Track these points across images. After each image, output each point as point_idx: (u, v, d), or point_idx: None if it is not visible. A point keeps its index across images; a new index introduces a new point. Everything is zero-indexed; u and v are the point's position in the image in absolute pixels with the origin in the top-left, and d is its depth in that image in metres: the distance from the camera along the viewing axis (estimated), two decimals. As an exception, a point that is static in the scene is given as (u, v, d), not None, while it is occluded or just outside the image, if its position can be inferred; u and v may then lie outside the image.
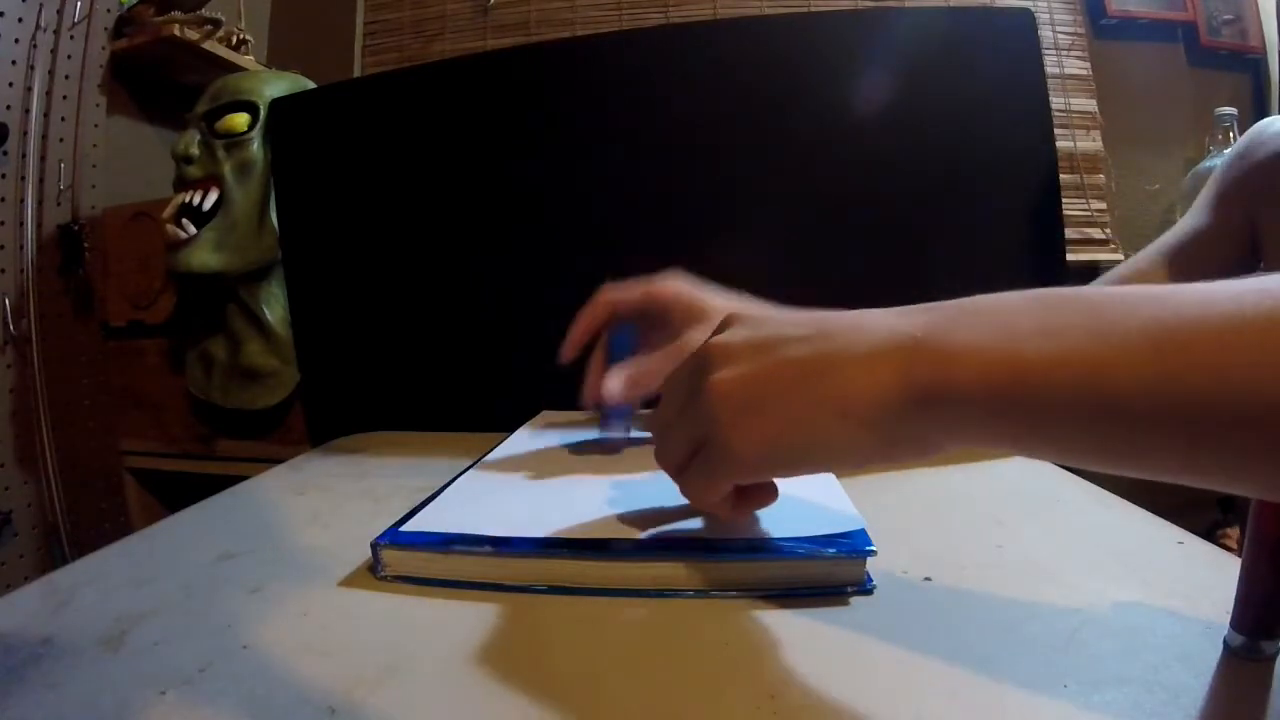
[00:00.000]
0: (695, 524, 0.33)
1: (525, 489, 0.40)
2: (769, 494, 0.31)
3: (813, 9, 1.46)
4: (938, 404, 0.22)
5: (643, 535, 0.32)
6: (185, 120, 1.14)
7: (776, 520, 0.33)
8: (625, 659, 0.25)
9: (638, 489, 0.38)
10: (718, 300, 0.44)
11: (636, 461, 0.45)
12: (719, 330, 0.29)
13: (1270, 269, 0.19)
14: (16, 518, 1.13)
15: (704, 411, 0.26)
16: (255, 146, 1.09)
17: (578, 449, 0.48)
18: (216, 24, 1.34)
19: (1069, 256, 0.63)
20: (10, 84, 1.14)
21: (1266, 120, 0.66)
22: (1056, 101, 1.41)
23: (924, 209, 0.62)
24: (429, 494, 0.39)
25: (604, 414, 0.47)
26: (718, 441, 0.26)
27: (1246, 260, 0.64)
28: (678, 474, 0.30)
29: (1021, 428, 0.21)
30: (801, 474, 0.27)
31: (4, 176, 1.14)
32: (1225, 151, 1.34)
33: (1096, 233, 1.44)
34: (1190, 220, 0.70)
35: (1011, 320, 0.22)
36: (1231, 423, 0.17)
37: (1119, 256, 1.42)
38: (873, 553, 0.29)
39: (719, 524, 0.33)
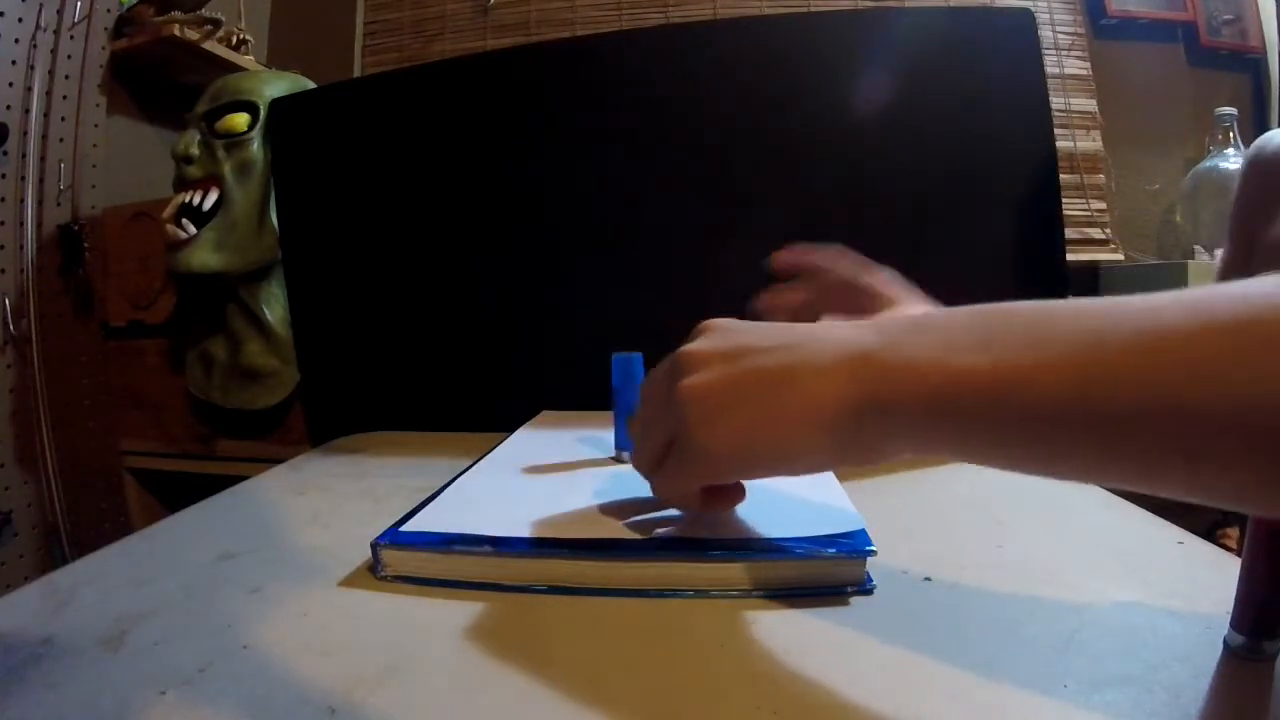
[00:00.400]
0: (695, 524, 0.33)
1: (525, 489, 0.40)
2: (736, 494, 0.33)
3: (813, 9, 1.46)
4: (884, 413, 0.24)
5: (642, 535, 0.32)
6: (185, 120, 1.14)
7: (777, 520, 0.33)
8: (625, 659, 0.25)
9: (638, 489, 0.38)
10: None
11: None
12: (692, 338, 0.31)
13: None
14: (16, 518, 1.13)
15: (676, 413, 0.28)
16: (255, 146, 1.09)
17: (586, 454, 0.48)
18: (216, 24, 1.34)
19: (1069, 256, 0.63)
20: (10, 84, 1.14)
21: (1262, 140, 0.66)
22: (1056, 101, 1.41)
23: (924, 209, 0.62)
24: (429, 494, 0.39)
25: None
26: (687, 441, 0.28)
27: None
28: (650, 472, 0.31)
29: (958, 435, 0.22)
30: (764, 475, 0.29)
31: (4, 176, 1.14)
32: (1226, 151, 1.34)
33: (1096, 233, 1.44)
34: (1220, 259, 0.70)
35: (952, 335, 0.23)
36: (1143, 429, 0.18)
37: (1119, 257, 1.43)
38: (873, 553, 0.29)
39: (712, 523, 0.33)
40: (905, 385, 0.23)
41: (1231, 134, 1.36)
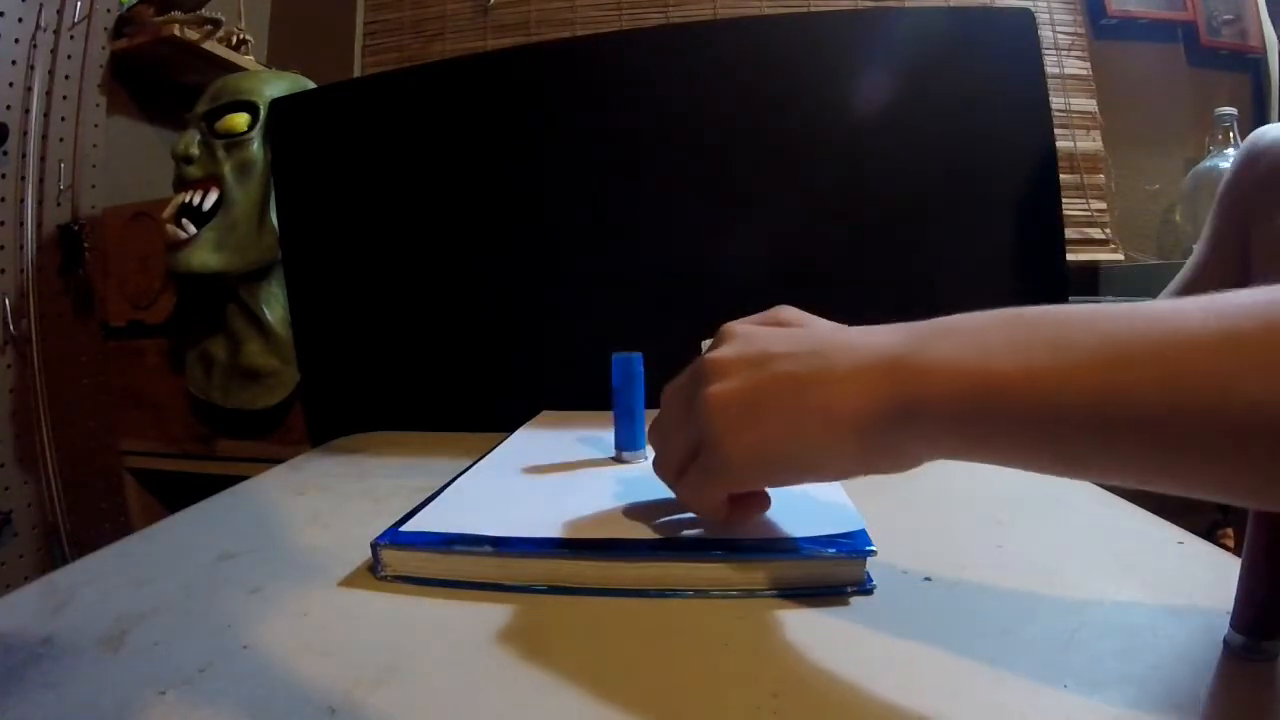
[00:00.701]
0: (695, 524, 0.33)
1: (525, 489, 0.40)
2: (762, 503, 0.32)
3: (813, 9, 1.46)
4: (914, 417, 0.24)
5: (643, 535, 0.32)
6: (185, 120, 1.14)
7: (777, 520, 0.33)
8: (625, 659, 0.25)
9: (638, 489, 0.38)
10: None
11: (636, 463, 0.45)
12: (714, 345, 0.31)
13: (1257, 284, 0.20)
14: (16, 518, 1.13)
15: (700, 421, 0.28)
16: (255, 146, 1.09)
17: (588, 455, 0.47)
18: (216, 24, 1.34)
19: (1069, 256, 0.63)
20: (10, 84, 1.14)
21: (1257, 133, 0.66)
22: (1056, 101, 1.41)
23: (924, 209, 0.62)
24: (429, 494, 0.39)
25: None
26: (713, 449, 0.28)
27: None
28: (676, 479, 0.31)
29: (989, 438, 0.23)
30: (791, 483, 0.29)
31: (4, 176, 1.14)
32: (1226, 151, 1.34)
33: (1096, 233, 1.44)
34: (1195, 254, 0.71)
35: (981, 338, 0.23)
36: (1169, 435, 0.19)
37: (1119, 257, 1.43)
38: (873, 553, 0.29)
39: (716, 527, 0.33)
40: (937, 389, 0.23)
41: (1231, 134, 1.36)
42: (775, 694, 0.22)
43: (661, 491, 0.35)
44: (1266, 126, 0.66)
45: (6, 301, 1.13)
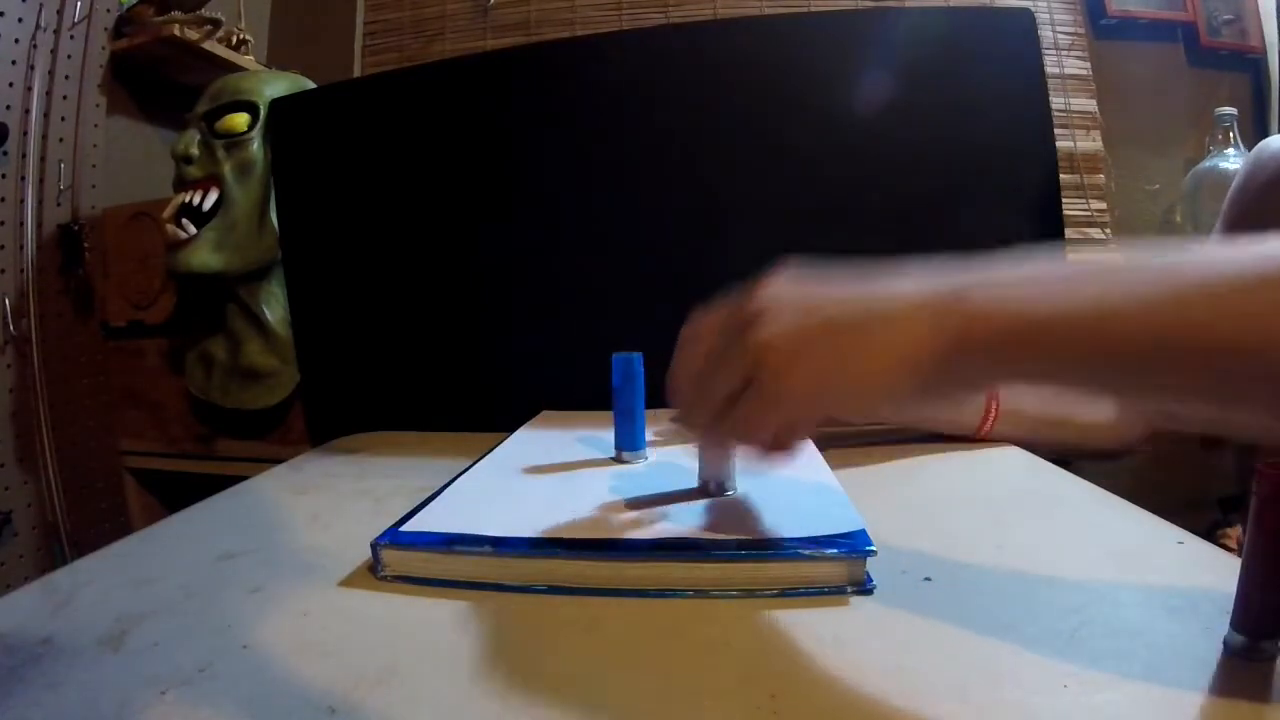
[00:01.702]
0: (695, 524, 0.33)
1: (525, 489, 0.40)
2: (799, 447, 0.32)
3: (813, 9, 1.46)
4: (971, 350, 0.25)
5: (643, 535, 0.32)
6: (185, 120, 1.14)
7: (777, 520, 0.33)
8: (625, 659, 0.25)
9: (638, 489, 0.38)
10: None
11: (636, 462, 0.45)
12: (756, 293, 0.30)
13: None
14: (16, 518, 1.13)
15: (751, 360, 0.28)
16: (255, 146, 1.09)
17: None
18: (216, 24, 1.34)
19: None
20: (10, 84, 1.13)
21: (1263, 143, 0.66)
22: (1056, 101, 1.41)
23: (924, 209, 0.62)
24: (429, 494, 0.39)
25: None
26: (768, 382, 0.28)
27: None
28: (715, 419, 0.30)
29: (1046, 368, 0.25)
30: (848, 413, 0.29)
31: (4, 176, 1.14)
32: (1226, 151, 1.34)
33: (1096, 233, 1.44)
34: None
35: (1033, 277, 0.25)
36: (1224, 362, 0.21)
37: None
38: (873, 553, 0.29)
39: (720, 518, 0.33)
40: (997, 322, 0.25)
41: (1231, 134, 1.36)
42: (775, 694, 0.22)
43: (662, 491, 0.36)
44: (1272, 137, 0.66)
45: (6, 301, 1.13)
